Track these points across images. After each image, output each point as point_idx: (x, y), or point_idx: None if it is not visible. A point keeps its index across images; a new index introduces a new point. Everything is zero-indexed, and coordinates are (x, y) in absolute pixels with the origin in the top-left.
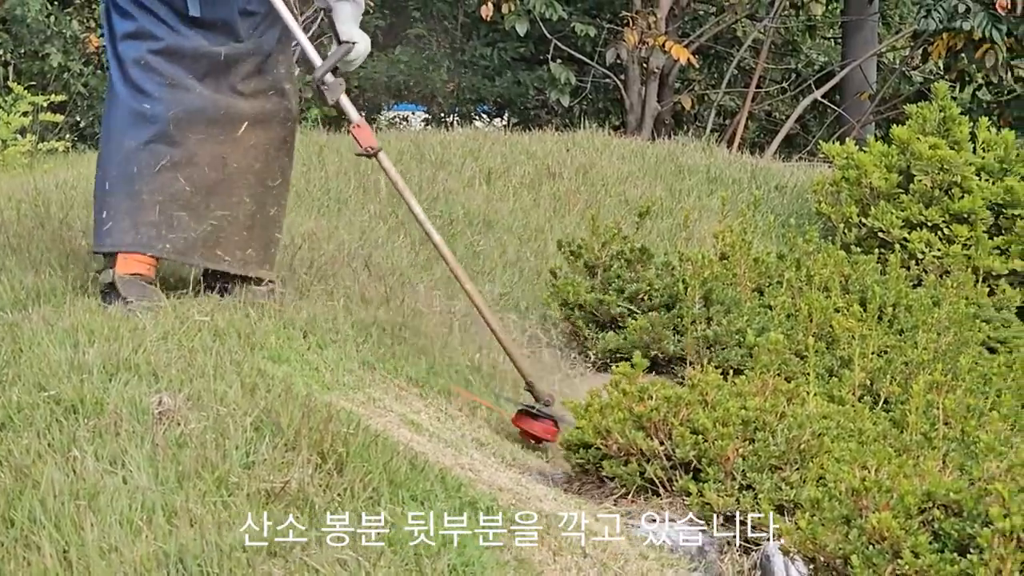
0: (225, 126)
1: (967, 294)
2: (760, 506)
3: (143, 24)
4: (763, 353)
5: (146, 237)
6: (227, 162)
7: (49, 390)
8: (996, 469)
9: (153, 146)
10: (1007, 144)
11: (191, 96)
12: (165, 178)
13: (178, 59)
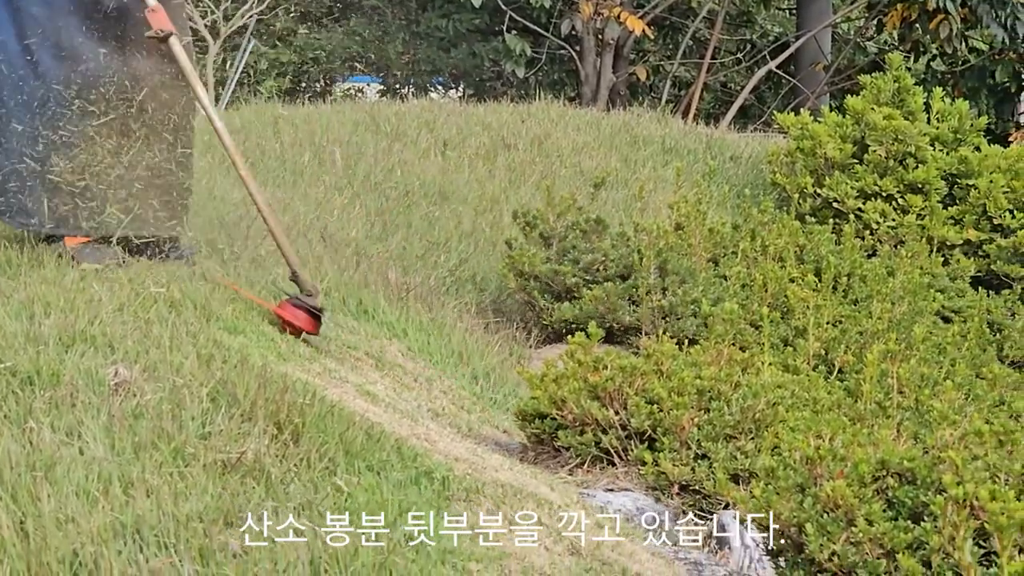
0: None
1: (921, 264)
2: (715, 475)
3: None
4: (718, 323)
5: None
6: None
7: (5, 362)
8: (950, 437)
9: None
10: (961, 114)
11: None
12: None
13: None
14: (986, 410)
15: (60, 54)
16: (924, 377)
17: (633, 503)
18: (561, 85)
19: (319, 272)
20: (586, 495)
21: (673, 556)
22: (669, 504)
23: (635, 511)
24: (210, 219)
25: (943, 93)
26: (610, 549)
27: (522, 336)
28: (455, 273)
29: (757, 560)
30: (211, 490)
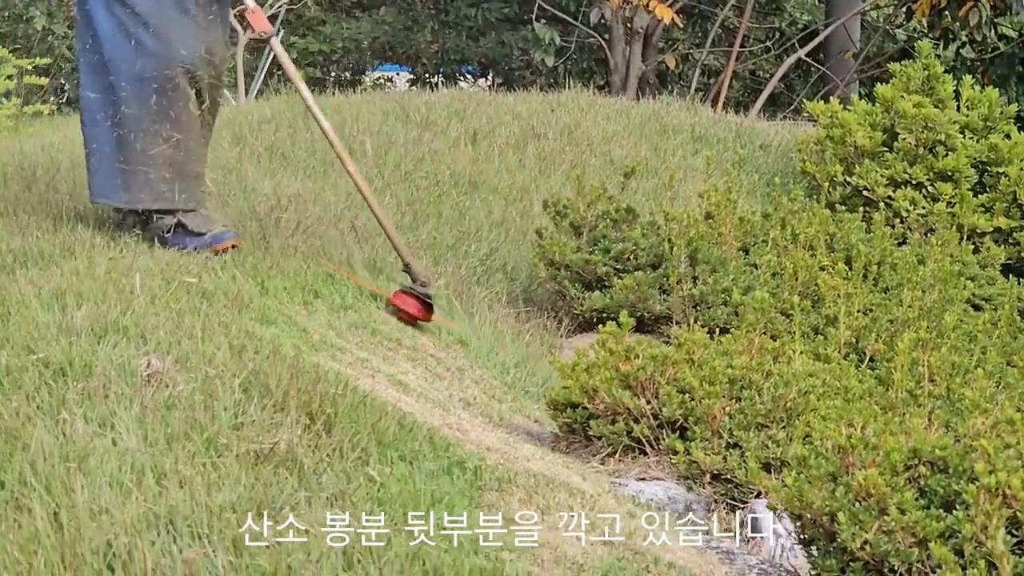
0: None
1: (952, 252)
2: (747, 464)
3: None
4: (749, 312)
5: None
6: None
7: (38, 353)
8: (981, 426)
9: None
10: (991, 102)
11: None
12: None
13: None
14: (1018, 398)
15: (162, 40)
16: (955, 365)
17: (665, 492)
18: (590, 74)
19: (350, 263)
20: (618, 484)
21: (705, 545)
22: (701, 493)
23: (667, 500)
24: (241, 209)
25: (973, 81)
26: (642, 538)
27: (553, 325)
28: (485, 263)
29: (789, 549)
30: (244, 480)
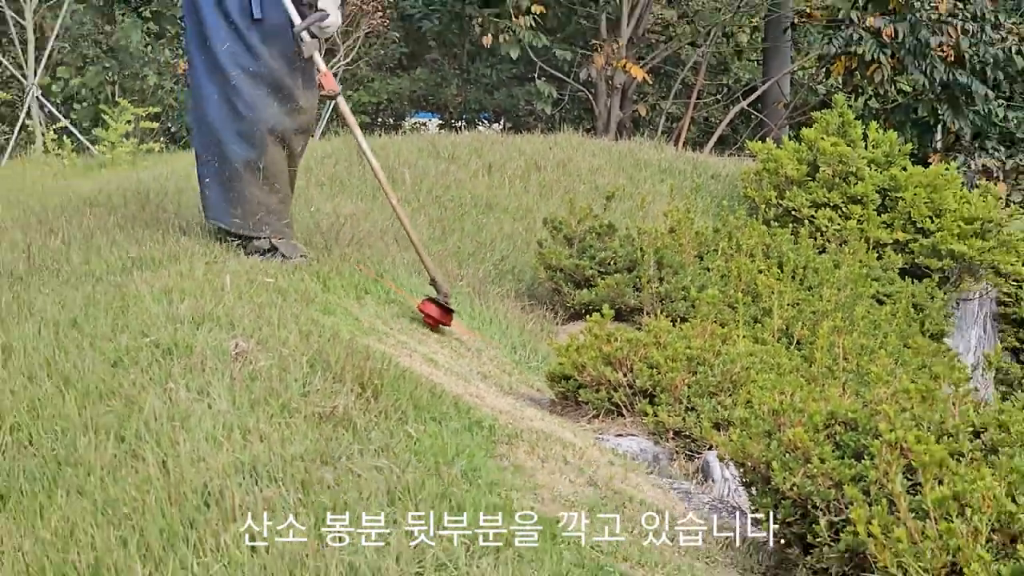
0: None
1: (860, 258)
2: (701, 424)
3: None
4: (703, 305)
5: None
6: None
7: (150, 336)
8: (884, 394)
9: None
10: (891, 142)
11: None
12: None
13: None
14: (911, 372)
15: (253, 108)
16: (863, 347)
17: (637, 445)
18: (580, 120)
19: (393, 268)
20: (601, 439)
21: (668, 486)
22: (665, 446)
23: (639, 451)
24: (308, 225)
25: (877, 126)
26: (620, 481)
27: (550, 316)
28: (498, 267)
29: (734, 490)
30: (310, 436)
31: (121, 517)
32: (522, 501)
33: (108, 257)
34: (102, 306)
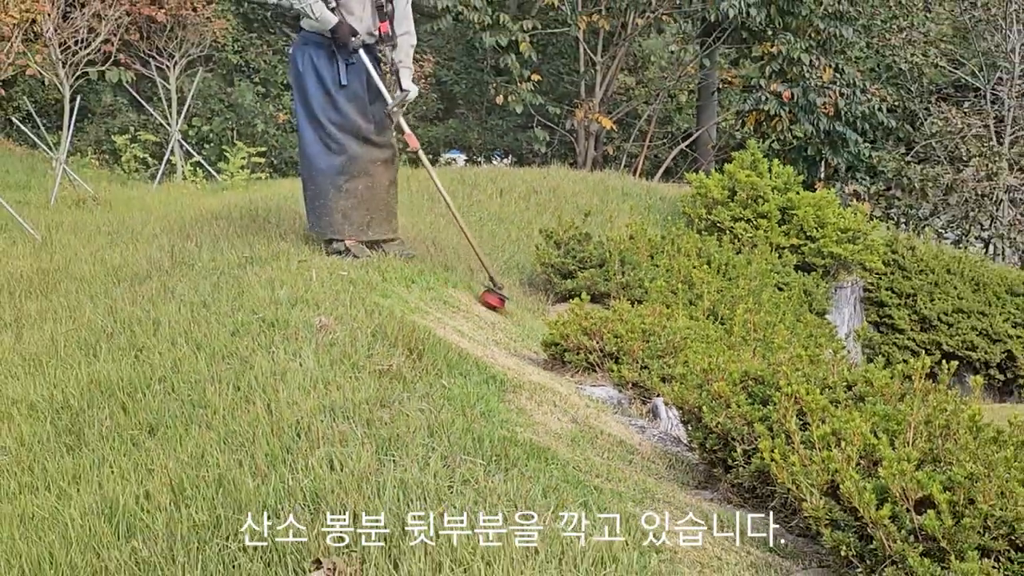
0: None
1: (766, 257)
2: (652, 378)
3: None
4: (653, 292)
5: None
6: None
7: (258, 313)
8: (783, 358)
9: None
10: (788, 174)
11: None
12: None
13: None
14: (803, 341)
15: (343, 152)
16: (768, 322)
17: (606, 393)
18: (565, 156)
19: (434, 265)
20: (580, 389)
21: (628, 423)
22: (626, 394)
23: (607, 398)
24: (424, 238)
25: (778, 162)
26: (594, 419)
27: (544, 299)
28: (507, 263)
29: (675, 426)
30: (372, 386)
31: (237, 445)
32: (524, 434)
33: (228, 256)
34: (224, 291)
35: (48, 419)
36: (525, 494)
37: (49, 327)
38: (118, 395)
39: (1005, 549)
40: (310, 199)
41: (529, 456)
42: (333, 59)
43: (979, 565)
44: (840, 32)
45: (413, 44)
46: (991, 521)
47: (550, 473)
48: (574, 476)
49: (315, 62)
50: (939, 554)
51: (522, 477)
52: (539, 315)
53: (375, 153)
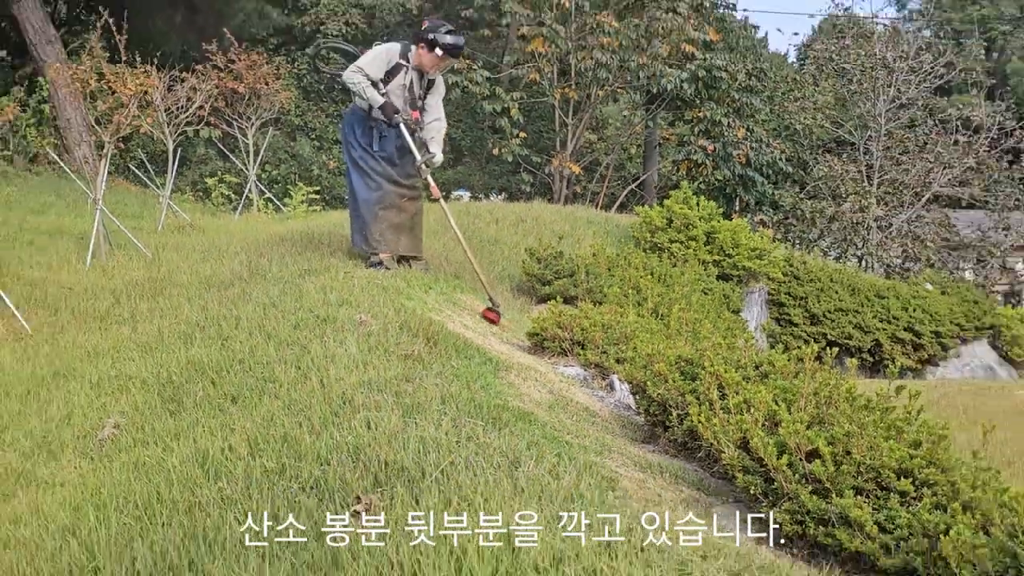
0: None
1: (695, 270)
2: (609, 360)
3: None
4: (610, 296)
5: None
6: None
7: (314, 312)
8: (707, 345)
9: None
10: (711, 208)
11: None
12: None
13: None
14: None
15: (380, 188)
16: (696, 319)
17: (575, 372)
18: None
19: (446, 276)
20: (556, 368)
21: (591, 394)
22: (590, 372)
23: (576, 375)
24: (438, 255)
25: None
26: (565, 391)
27: (528, 301)
28: (500, 275)
29: (626, 396)
30: (399, 367)
31: (298, 410)
32: (513, 402)
33: (291, 268)
34: (288, 295)
35: (156, 391)
36: (514, 447)
37: (157, 321)
38: (208, 373)
39: (873, 489)
40: (355, 224)
41: (517, 419)
42: (369, 128)
43: (853, 500)
44: (750, 101)
45: (443, 128)
46: (863, 468)
47: (532, 431)
48: (551, 434)
49: (356, 128)
50: (824, 492)
51: (511, 434)
52: (525, 313)
53: (403, 191)
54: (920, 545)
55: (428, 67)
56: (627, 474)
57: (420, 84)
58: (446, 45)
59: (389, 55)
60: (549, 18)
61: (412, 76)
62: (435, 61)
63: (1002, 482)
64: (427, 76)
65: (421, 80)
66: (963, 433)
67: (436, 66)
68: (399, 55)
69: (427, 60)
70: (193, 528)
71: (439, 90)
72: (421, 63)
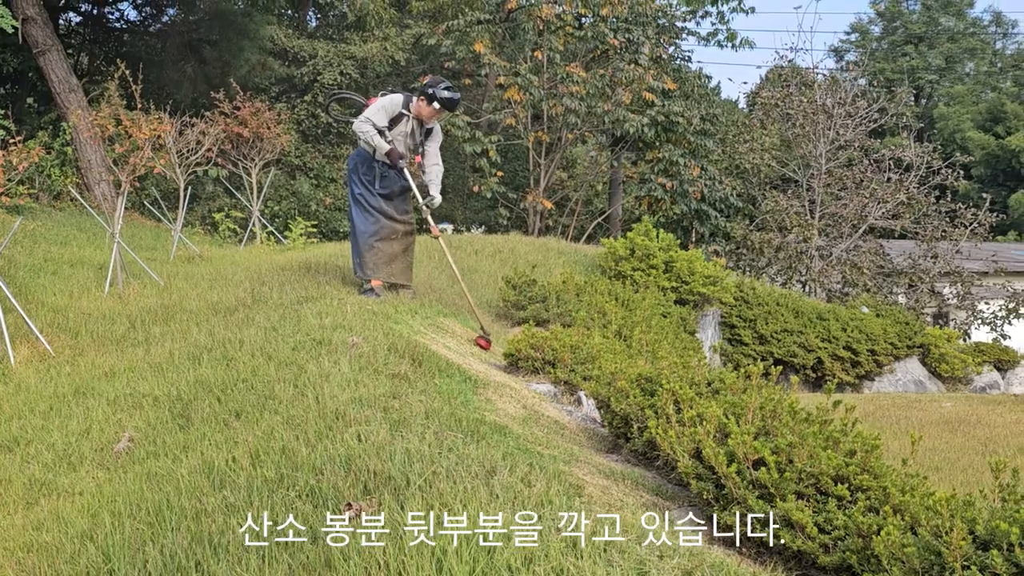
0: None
1: (655, 295)
2: (577, 377)
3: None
4: (578, 320)
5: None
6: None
7: (311, 335)
8: (665, 365)
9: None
10: (669, 239)
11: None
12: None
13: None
14: (679, 352)
15: (378, 222)
16: (656, 340)
17: (546, 388)
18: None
19: (430, 301)
20: (529, 385)
21: (561, 408)
22: (560, 388)
23: (547, 392)
24: (423, 283)
25: (663, 231)
26: (537, 406)
27: (505, 324)
28: (479, 300)
29: (592, 410)
30: (387, 385)
31: (295, 425)
32: (490, 416)
33: (291, 295)
34: (287, 320)
35: (167, 407)
36: (490, 457)
37: (168, 344)
38: (214, 391)
39: (813, 494)
40: (354, 253)
41: (493, 432)
42: (371, 167)
43: (795, 504)
44: (704, 143)
45: (441, 171)
46: (804, 475)
47: (507, 443)
48: (524, 445)
49: (360, 167)
50: (769, 497)
51: (488, 446)
52: (502, 335)
53: (397, 226)
54: (855, 544)
55: (426, 117)
56: (592, 481)
57: (420, 131)
58: (443, 99)
59: (393, 106)
60: (524, 69)
61: (413, 124)
62: (432, 112)
63: (929, 487)
64: (426, 125)
65: (421, 128)
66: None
67: (433, 116)
68: (402, 106)
69: (426, 111)
70: (200, 532)
71: (437, 137)
72: (420, 113)
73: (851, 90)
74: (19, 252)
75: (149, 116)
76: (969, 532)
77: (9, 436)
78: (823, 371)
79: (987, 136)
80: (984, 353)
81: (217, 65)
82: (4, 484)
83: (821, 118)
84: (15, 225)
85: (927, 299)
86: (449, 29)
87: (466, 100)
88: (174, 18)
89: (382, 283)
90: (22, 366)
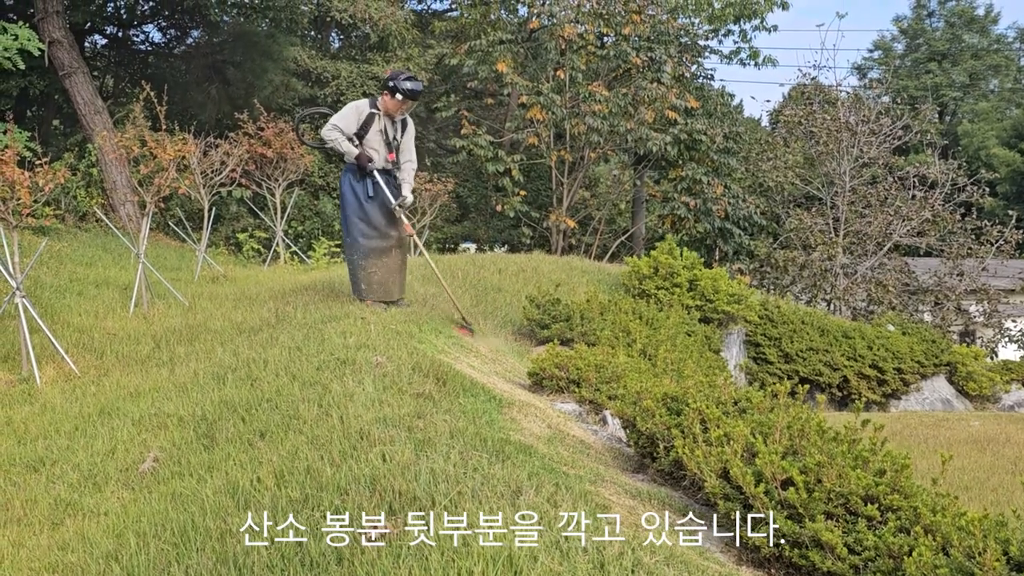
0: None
1: (679, 313)
2: (602, 397)
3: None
4: (603, 339)
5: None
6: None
7: (335, 355)
8: (690, 383)
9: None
10: (693, 258)
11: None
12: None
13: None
14: (704, 370)
15: (369, 237)
16: (681, 359)
17: (571, 408)
18: (543, 246)
19: (440, 314)
20: (553, 404)
21: (586, 428)
22: (585, 408)
23: (572, 411)
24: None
25: (687, 249)
26: (562, 425)
27: (528, 343)
28: (503, 319)
29: (618, 430)
30: (412, 404)
31: (319, 445)
32: (515, 436)
33: (314, 315)
34: (311, 339)
35: (191, 427)
36: (516, 477)
37: (193, 364)
38: (239, 411)
39: (842, 514)
40: (351, 274)
41: (518, 451)
42: (363, 180)
43: (824, 525)
44: (727, 162)
45: (414, 168)
46: (832, 495)
47: (532, 463)
48: (549, 465)
49: (352, 183)
50: (798, 517)
51: (513, 466)
52: (525, 354)
53: (390, 242)
54: (886, 565)
55: (392, 110)
56: (619, 501)
57: (393, 127)
58: (405, 90)
59: (359, 109)
60: (546, 88)
61: (385, 122)
62: (397, 105)
63: (960, 507)
64: (396, 120)
65: (393, 124)
66: (924, 461)
67: (399, 109)
68: (369, 106)
69: (391, 104)
70: (224, 553)
71: (410, 131)
72: (387, 108)
73: (875, 107)
74: (45, 273)
75: (174, 137)
76: (1003, 553)
77: (35, 456)
78: (849, 390)
79: (1012, 153)
80: (1012, 371)
81: (241, 86)
82: (30, 504)
83: (845, 136)
84: (41, 246)
85: (953, 317)
86: (471, 49)
87: (488, 120)
88: (198, 40)
89: (377, 302)
90: (48, 386)
